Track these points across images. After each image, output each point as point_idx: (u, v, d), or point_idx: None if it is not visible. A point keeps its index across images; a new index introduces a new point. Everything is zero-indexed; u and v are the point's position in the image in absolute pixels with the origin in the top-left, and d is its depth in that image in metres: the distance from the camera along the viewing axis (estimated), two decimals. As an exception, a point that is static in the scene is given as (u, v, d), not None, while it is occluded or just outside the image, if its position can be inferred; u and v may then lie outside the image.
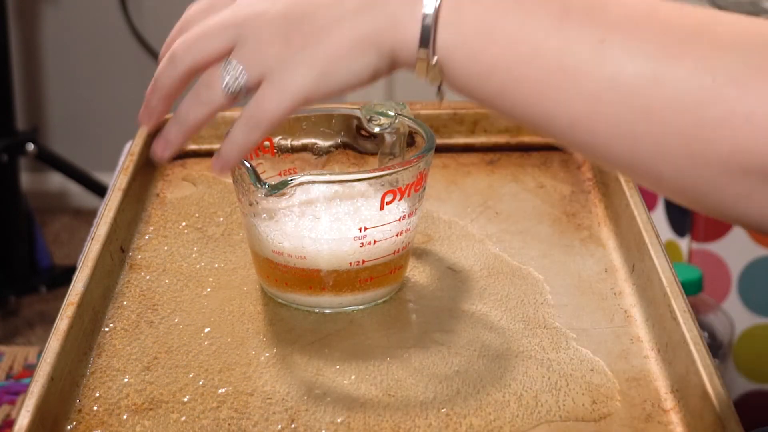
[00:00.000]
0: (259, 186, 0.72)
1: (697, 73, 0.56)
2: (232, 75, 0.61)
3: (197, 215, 0.90)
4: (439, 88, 0.63)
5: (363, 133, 0.82)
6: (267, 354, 0.74)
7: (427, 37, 0.59)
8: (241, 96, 0.62)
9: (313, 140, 0.83)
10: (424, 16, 0.59)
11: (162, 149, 0.65)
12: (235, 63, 0.61)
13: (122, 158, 0.96)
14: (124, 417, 0.68)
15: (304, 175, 0.73)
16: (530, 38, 0.58)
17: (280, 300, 0.79)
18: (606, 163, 0.60)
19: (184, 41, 0.63)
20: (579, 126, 0.58)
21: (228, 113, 1.00)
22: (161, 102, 0.64)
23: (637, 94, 0.56)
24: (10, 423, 1.53)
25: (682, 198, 0.59)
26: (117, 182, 0.88)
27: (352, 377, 0.71)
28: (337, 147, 0.83)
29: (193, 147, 0.99)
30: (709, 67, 0.56)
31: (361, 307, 0.78)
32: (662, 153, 0.57)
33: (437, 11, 0.59)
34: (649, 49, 0.56)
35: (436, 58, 0.59)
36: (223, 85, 0.61)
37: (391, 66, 0.61)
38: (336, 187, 0.76)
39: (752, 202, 0.56)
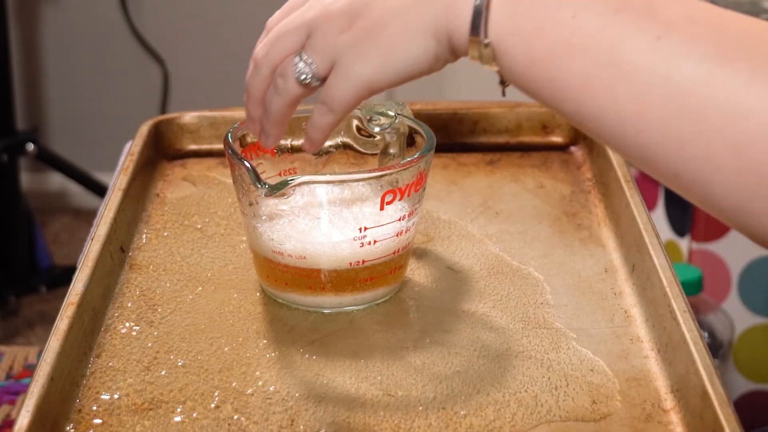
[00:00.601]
0: (259, 186, 0.72)
1: (753, 80, 0.54)
2: (304, 65, 0.65)
3: (197, 215, 0.90)
4: (503, 81, 0.63)
5: (363, 133, 0.82)
6: (267, 354, 0.74)
7: (478, 21, 0.60)
8: (313, 84, 0.65)
9: (313, 140, 0.82)
10: None
11: (264, 141, 0.71)
12: (306, 55, 0.65)
13: (122, 158, 0.96)
14: (124, 417, 0.68)
15: (304, 175, 0.73)
16: (584, 30, 0.57)
17: (280, 300, 0.79)
18: (655, 169, 0.58)
19: (263, 45, 0.67)
20: (627, 124, 0.57)
21: (229, 113, 1.00)
22: (257, 107, 0.69)
23: (689, 94, 0.55)
24: (10, 423, 1.53)
25: (735, 222, 0.56)
26: (117, 182, 0.88)
27: (352, 377, 0.71)
28: (337, 147, 0.83)
29: (192, 147, 0.99)
30: (766, 74, 0.54)
31: (361, 307, 0.78)
32: (710, 161, 0.55)
33: None
34: (704, 50, 0.55)
35: (487, 41, 0.60)
36: (296, 75, 0.65)
37: (451, 51, 0.63)
38: (336, 187, 0.76)
39: None
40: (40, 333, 2.13)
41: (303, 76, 0.65)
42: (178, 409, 0.69)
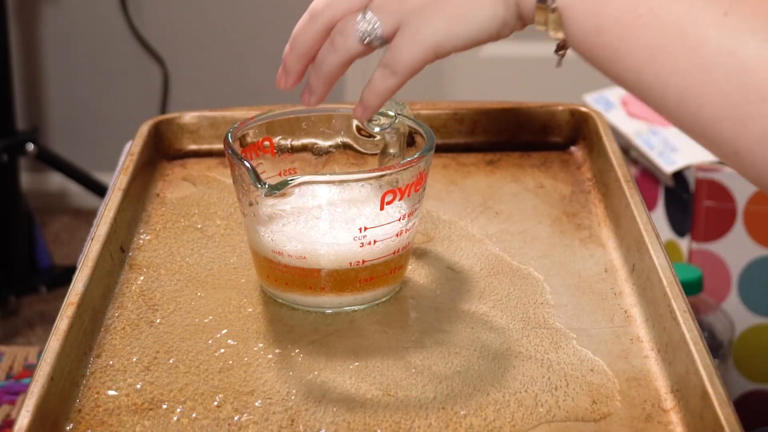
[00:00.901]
0: (259, 186, 0.72)
1: None
2: (368, 24, 0.64)
3: (197, 215, 0.90)
4: (560, 48, 0.63)
5: (363, 133, 0.82)
6: (267, 354, 0.74)
7: None
8: (374, 45, 0.65)
9: (313, 140, 0.83)
10: None
11: (307, 98, 0.70)
12: (371, 14, 0.64)
13: (122, 158, 0.96)
14: (124, 417, 0.68)
15: (304, 175, 0.73)
16: (652, 0, 0.57)
17: (280, 300, 0.79)
18: (714, 145, 0.58)
19: None
20: (688, 98, 0.56)
21: (229, 113, 1.00)
22: (299, 61, 0.68)
23: (754, 72, 0.54)
24: (10, 423, 1.53)
25: None
26: (117, 182, 0.88)
27: (352, 377, 0.71)
28: (337, 147, 0.83)
29: (192, 147, 0.99)
30: None
31: (361, 307, 0.78)
32: None
33: None
34: None
35: (555, 5, 0.60)
36: (359, 34, 0.65)
37: (518, 17, 0.63)
38: (336, 187, 0.76)
39: None
40: (40, 333, 2.12)
41: (365, 36, 0.65)
42: (178, 409, 0.69)
